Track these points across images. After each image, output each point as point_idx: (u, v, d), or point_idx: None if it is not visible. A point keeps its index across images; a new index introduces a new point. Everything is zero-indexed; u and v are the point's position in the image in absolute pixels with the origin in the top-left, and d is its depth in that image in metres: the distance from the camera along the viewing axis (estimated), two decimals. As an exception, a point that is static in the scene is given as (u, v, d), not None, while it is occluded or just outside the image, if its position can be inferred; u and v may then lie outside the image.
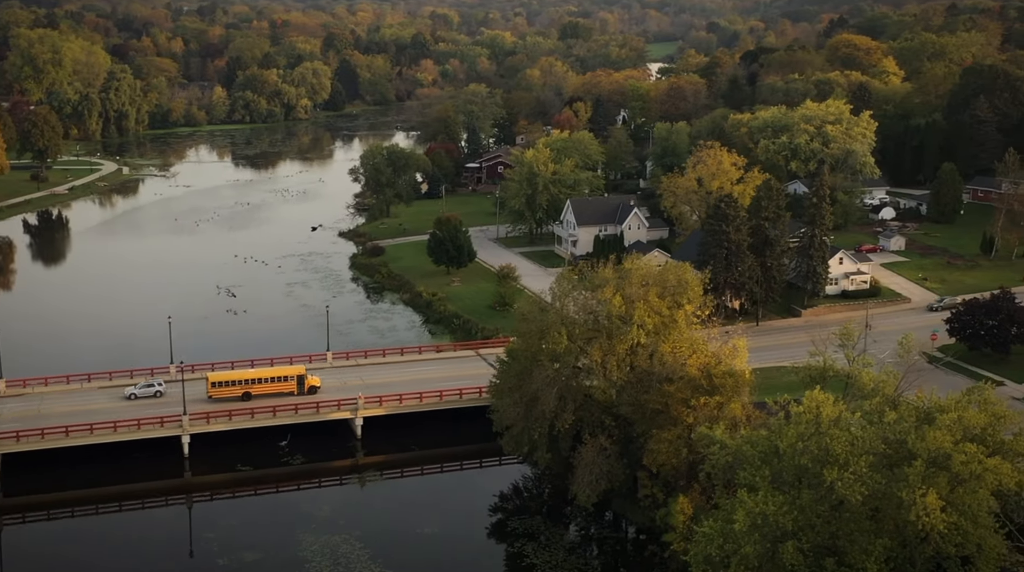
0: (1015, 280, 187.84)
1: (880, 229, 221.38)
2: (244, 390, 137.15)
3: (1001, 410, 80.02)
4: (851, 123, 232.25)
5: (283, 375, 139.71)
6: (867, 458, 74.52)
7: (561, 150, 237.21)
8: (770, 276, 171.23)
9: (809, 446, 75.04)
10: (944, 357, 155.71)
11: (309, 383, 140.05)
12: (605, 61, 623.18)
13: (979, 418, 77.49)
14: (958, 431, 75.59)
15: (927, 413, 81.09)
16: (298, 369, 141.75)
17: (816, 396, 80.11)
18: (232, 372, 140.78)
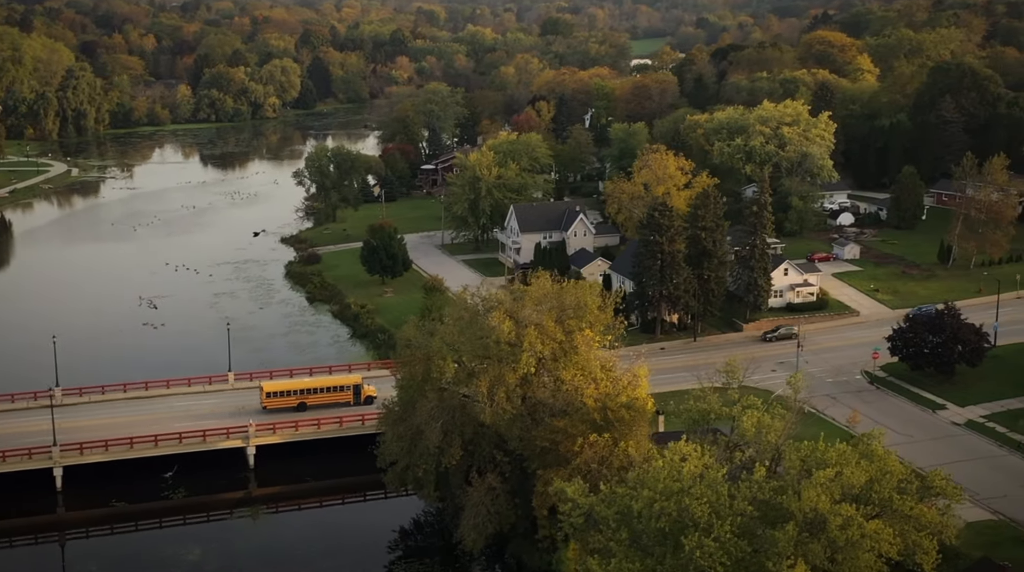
0: (970, 291, 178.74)
1: (836, 236, 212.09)
2: (300, 400, 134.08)
3: (888, 464, 70.69)
4: (809, 124, 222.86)
5: (340, 385, 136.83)
6: (735, 520, 65.35)
7: (508, 153, 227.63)
8: (708, 289, 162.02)
9: (667, 508, 65.82)
10: (885, 377, 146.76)
11: (366, 393, 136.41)
12: (584, 58, 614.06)
13: (859, 475, 68.24)
14: (837, 489, 66.45)
15: (808, 466, 71.81)
16: (355, 378, 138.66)
17: (679, 447, 70.80)
18: (288, 381, 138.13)
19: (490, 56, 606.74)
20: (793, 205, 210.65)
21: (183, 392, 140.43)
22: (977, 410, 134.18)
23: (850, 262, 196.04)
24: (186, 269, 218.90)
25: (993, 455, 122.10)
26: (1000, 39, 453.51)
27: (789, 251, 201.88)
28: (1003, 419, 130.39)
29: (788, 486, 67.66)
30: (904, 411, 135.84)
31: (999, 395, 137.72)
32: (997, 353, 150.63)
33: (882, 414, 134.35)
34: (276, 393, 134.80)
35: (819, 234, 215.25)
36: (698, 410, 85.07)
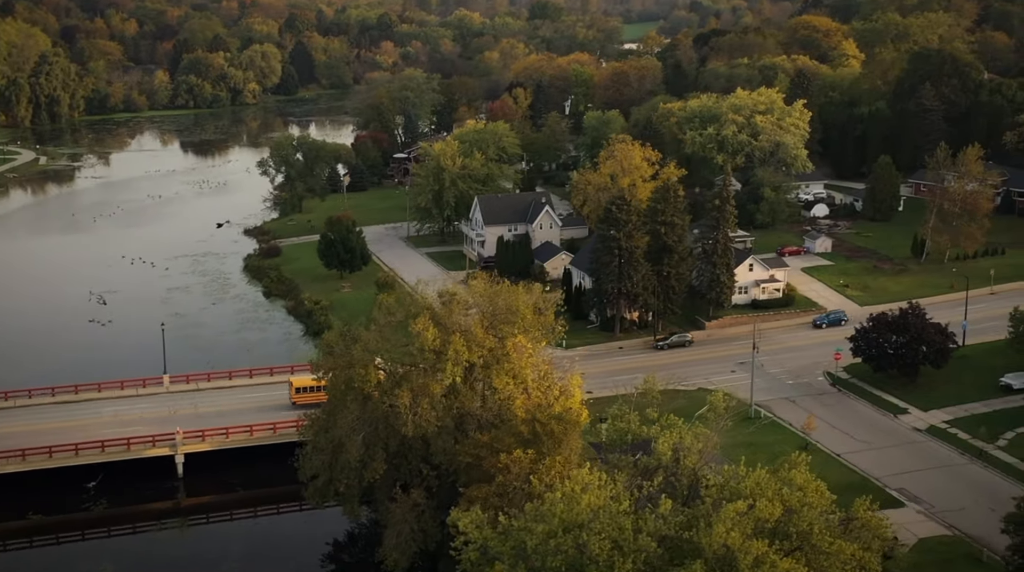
0: (942, 287, 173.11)
1: (809, 228, 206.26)
2: None
3: (807, 495, 65.02)
4: (783, 113, 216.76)
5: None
6: (638, 557, 59.93)
7: (475, 142, 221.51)
8: (669, 286, 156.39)
9: (563, 544, 60.35)
10: (848, 378, 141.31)
11: None
12: (572, 43, 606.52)
13: (774, 508, 62.61)
14: (750, 523, 60.95)
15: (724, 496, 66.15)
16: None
17: (581, 476, 65.25)
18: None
19: (477, 41, 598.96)
20: (765, 196, 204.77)
21: (115, 396, 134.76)
22: (940, 415, 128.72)
23: (821, 256, 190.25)
24: (142, 262, 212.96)
25: (953, 463, 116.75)
26: (992, 23, 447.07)
27: (760, 244, 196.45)
28: (966, 424, 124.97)
29: (700, 518, 62.22)
30: (864, 416, 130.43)
31: (964, 398, 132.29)
32: (965, 353, 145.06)
33: (841, 419, 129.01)
34: (306, 388, 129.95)
35: (792, 226, 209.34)
36: (616, 430, 79.40)
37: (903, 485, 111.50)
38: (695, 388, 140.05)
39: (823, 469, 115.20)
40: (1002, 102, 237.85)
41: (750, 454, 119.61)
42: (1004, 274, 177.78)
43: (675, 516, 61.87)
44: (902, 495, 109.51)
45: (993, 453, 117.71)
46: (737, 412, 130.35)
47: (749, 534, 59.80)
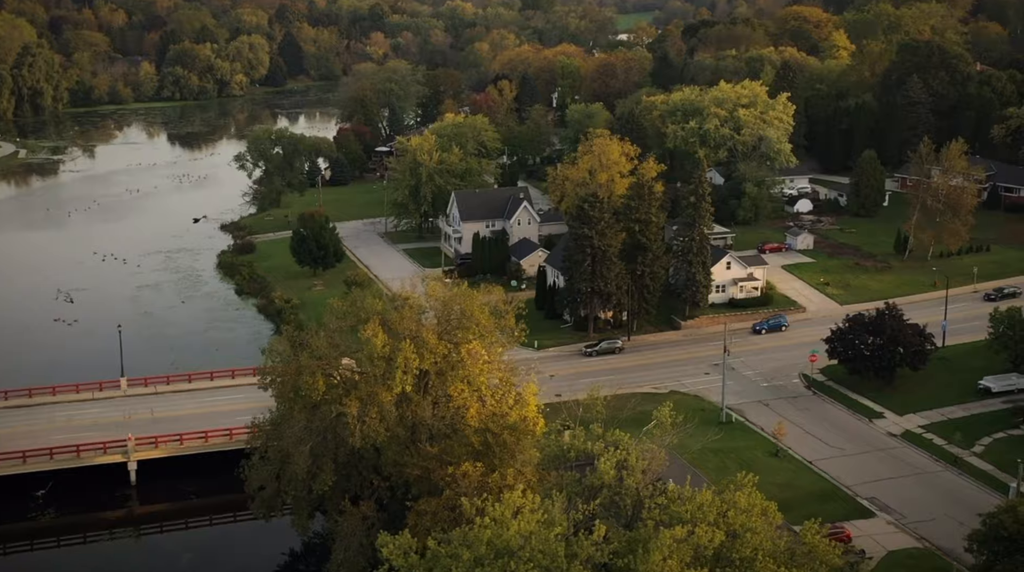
0: (925, 285, 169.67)
1: (792, 224, 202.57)
2: None
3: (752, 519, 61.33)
4: (766, 106, 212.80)
5: None
6: (571, 587, 56.59)
7: (453, 136, 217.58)
8: (643, 285, 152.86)
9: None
10: (824, 381, 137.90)
11: None
12: (563, 34, 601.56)
13: (714, 534, 59.05)
14: (688, 550, 57.50)
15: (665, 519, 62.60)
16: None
17: (514, 499, 61.66)
18: None
19: (469, 32, 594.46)
20: (747, 192, 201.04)
21: (70, 400, 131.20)
22: (916, 419, 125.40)
23: (803, 253, 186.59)
24: (114, 259, 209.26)
25: (927, 471, 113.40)
26: (987, 14, 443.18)
27: (741, 241, 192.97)
28: (941, 429, 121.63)
29: (639, 543, 58.78)
30: (839, 420, 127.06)
31: (941, 402, 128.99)
32: (944, 354, 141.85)
33: (814, 423, 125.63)
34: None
35: (775, 222, 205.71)
36: (556, 446, 75.85)
37: (874, 494, 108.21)
38: (666, 390, 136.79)
39: (794, 476, 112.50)
40: (991, 95, 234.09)
41: (719, 460, 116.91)
42: (988, 271, 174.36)
43: (612, 541, 58.35)
44: (873, 504, 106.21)
45: (968, 460, 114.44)
46: (708, 416, 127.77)
47: (688, 562, 56.40)
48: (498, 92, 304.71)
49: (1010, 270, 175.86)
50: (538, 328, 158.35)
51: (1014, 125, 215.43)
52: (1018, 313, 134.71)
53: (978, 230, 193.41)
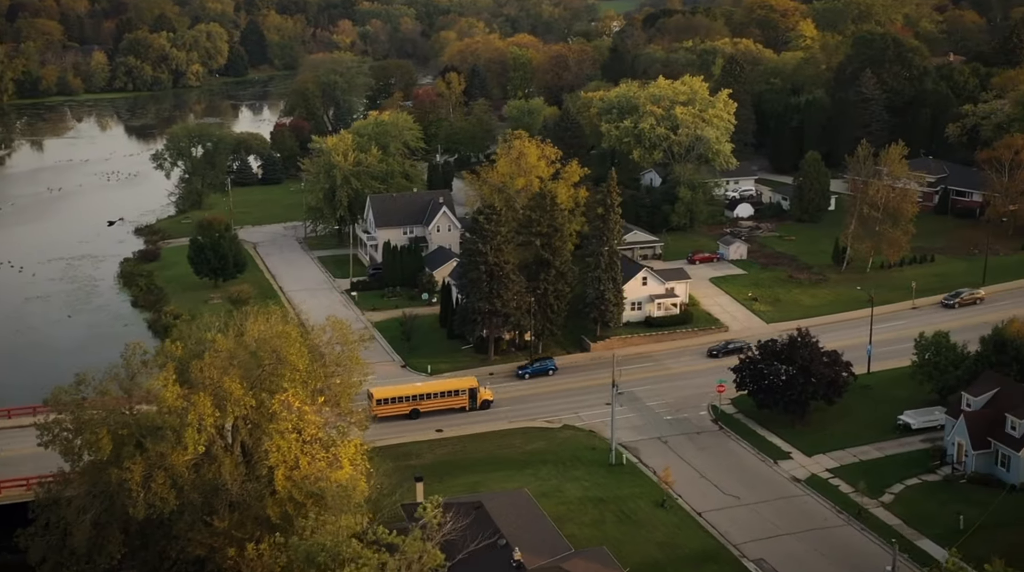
0: (861, 300, 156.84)
1: (728, 231, 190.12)
2: (412, 407, 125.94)
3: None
4: (705, 103, 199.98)
5: (455, 389, 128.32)
6: None
7: (374, 135, 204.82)
8: (547, 304, 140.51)
9: None
10: (733, 413, 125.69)
11: (482, 396, 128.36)
12: (536, 22, 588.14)
13: None
14: None
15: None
16: (470, 381, 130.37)
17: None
18: (399, 387, 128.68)
19: (442, 19, 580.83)
20: (680, 196, 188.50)
21: None
22: (825, 460, 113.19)
23: (735, 263, 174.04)
24: (10, 266, 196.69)
25: (827, 525, 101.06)
26: (970, 1, 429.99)
27: (673, 250, 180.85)
28: (850, 474, 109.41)
29: None
30: (741, 461, 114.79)
31: (855, 439, 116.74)
32: (869, 382, 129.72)
33: (713, 465, 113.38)
34: (387, 400, 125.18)
35: (713, 229, 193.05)
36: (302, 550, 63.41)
37: (763, 555, 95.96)
38: (559, 425, 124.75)
39: (676, 532, 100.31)
40: (947, 90, 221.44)
41: (597, 512, 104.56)
42: (929, 285, 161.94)
43: None
44: (760, 569, 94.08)
45: (874, 512, 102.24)
46: (599, 455, 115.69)
47: None
48: (446, 85, 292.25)
49: (953, 282, 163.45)
50: (438, 350, 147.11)
51: (970, 124, 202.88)
52: (945, 338, 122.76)
53: (926, 238, 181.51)
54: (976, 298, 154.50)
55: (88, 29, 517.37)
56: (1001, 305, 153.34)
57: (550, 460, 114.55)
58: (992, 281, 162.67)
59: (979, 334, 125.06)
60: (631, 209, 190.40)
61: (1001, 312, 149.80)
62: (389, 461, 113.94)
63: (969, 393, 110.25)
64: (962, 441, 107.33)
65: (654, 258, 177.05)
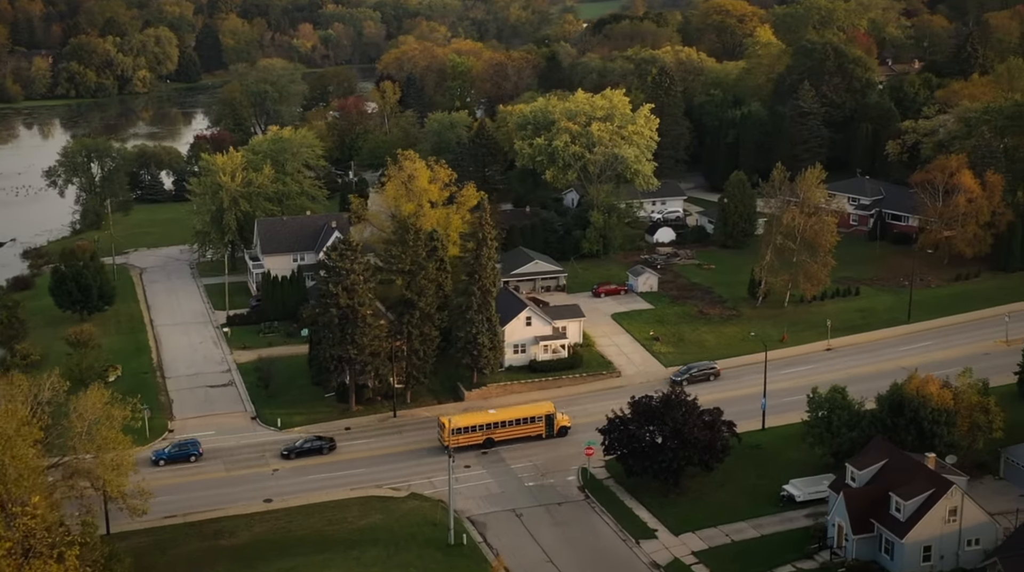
0: (773, 340, 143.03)
1: (644, 257, 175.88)
2: (487, 436, 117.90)
3: None
4: (625, 120, 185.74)
5: (531, 415, 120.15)
6: None
7: (271, 153, 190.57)
8: (411, 349, 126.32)
9: None
10: (603, 480, 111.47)
11: (559, 423, 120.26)
12: (503, 26, 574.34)
13: None
14: None
15: None
16: (546, 407, 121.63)
17: None
18: (472, 415, 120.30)
19: (409, 23, 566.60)
20: (593, 221, 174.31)
21: None
22: (693, 541, 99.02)
23: (644, 296, 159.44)
24: None
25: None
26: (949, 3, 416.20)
27: (583, 280, 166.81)
28: (718, 559, 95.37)
29: None
30: (599, 540, 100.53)
31: (732, 514, 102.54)
32: (762, 441, 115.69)
33: (564, 546, 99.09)
34: (461, 429, 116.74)
35: (631, 255, 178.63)
36: None
37: None
38: (406, 492, 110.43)
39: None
40: (890, 105, 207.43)
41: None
42: (850, 322, 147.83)
43: None
44: None
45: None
46: (440, 532, 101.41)
47: None
48: (380, 94, 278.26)
49: (876, 318, 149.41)
50: (299, 397, 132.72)
51: (911, 141, 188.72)
52: (841, 393, 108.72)
53: (855, 267, 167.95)
54: (709, 374, 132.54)
55: (40, 33, 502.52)
56: (922, 347, 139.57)
57: (382, 539, 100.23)
58: (920, 317, 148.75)
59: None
60: (540, 235, 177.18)
61: (923, 355, 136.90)
62: (196, 541, 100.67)
63: (854, 465, 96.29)
64: (842, 522, 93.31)
65: (557, 290, 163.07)
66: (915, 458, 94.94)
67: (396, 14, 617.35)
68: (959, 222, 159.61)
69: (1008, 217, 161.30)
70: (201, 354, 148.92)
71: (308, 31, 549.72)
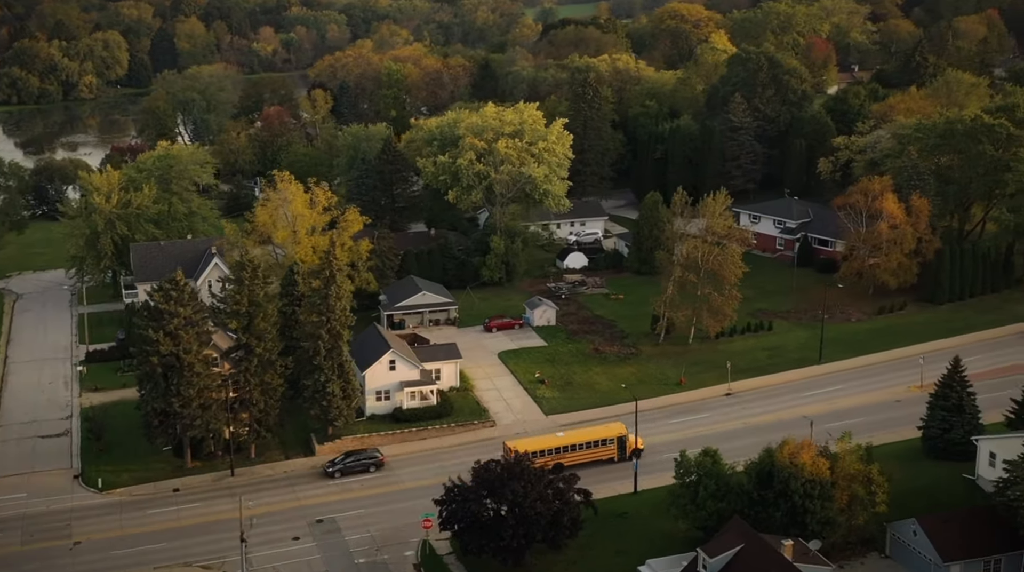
0: (670, 383, 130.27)
1: (552, 285, 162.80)
2: (555, 461, 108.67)
3: None
4: (536, 136, 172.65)
5: (602, 438, 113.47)
6: None
7: (156, 171, 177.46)
8: (251, 400, 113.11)
9: None
10: (444, 556, 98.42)
11: (632, 445, 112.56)
12: (469, 29, 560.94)
13: None
14: None
15: None
16: (617, 428, 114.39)
17: None
18: (540, 439, 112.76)
19: (376, 26, 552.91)
20: (493, 247, 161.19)
21: None
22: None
23: (539, 331, 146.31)
24: None
25: None
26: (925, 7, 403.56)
27: (481, 312, 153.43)
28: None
29: None
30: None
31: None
32: (628, 509, 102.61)
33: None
34: (528, 455, 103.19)
35: (538, 283, 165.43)
36: None
37: None
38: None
39: None
40: (826, 119, 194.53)
41: None
42: (756, 363, 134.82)
43: None
44: None
45: None
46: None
47: None
48: (311, 103, 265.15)
49: (786, 358, 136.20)
50: (134, 451, 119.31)
51: (843, 158, 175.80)
52: (712, 458, 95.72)
53: (774, 298, 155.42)
54: (368, 464, 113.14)
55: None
56: (829, 392, 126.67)
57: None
58: (833, 356, 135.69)
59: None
60: (438, 261, 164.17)
61: (829, 401, 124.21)
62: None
63: (706, 551, 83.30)
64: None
65: (448, 323, 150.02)
66: (771, 544, 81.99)
67: (365, 16, 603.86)
68: (883, 250, 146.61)
69: (935, 245, 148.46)
70: (46, 397, 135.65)
71: (269, 34, 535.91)
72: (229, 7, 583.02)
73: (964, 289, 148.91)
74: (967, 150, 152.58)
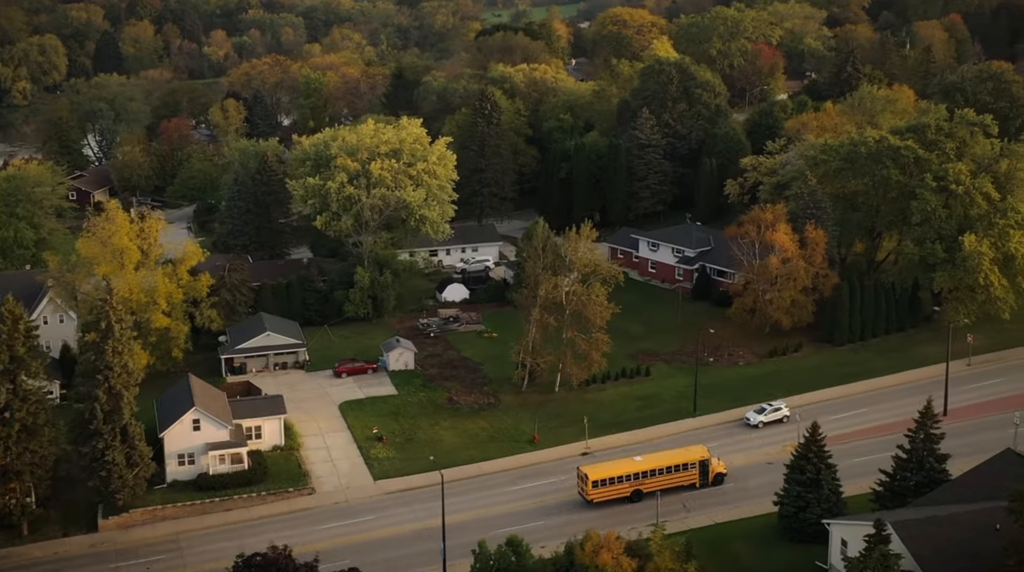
0: (522, 439, 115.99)
1: (423, 321, 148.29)
2: (633, 487, 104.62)
3: None
4: (416, 157, 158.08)
5: (683, 462, 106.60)
6: None
7: (7, 193, 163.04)
8: (13, 471, 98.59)
9: None
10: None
11: (714, 470, 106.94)
12: (428, 32, 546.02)
13: None
14: None
15: None
16: (699, 451, 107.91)
17: None
18: (617, 463, 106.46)
19: (335, 29, 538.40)
20: (358, 279, 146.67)
21: None
22: None
23: (394, 377, 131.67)
24: None
25: None
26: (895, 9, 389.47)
27: (336, 353, 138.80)
28: None
29: None
30: None
31: None
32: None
33: None
34: (604, 481, 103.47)
35: (411, 319, 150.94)
36: None
37: None
38: None
39: None
40: (740, 137, 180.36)
41: None
42: (624, 415, 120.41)
43: None
44: None
45: None
46: None
47: None
48: (223, 114, 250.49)
49: (659, 410, 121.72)
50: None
51: (752, 180, 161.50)
52: (515, 550, 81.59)
53: (660, 336, 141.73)
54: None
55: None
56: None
57: None
58: (709, 407, 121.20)
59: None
60: (298, 295, 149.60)
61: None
62: None
63: None
64: None
65: (296, 367, 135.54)
66: None
67: (327, 19, 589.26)
68: (776, 286, 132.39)
69: (833, 280, 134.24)
70: None
71: (221, 38, 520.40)
72: (184, 10, 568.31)
73: (866, 328, 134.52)
74: (872, 174, 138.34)
